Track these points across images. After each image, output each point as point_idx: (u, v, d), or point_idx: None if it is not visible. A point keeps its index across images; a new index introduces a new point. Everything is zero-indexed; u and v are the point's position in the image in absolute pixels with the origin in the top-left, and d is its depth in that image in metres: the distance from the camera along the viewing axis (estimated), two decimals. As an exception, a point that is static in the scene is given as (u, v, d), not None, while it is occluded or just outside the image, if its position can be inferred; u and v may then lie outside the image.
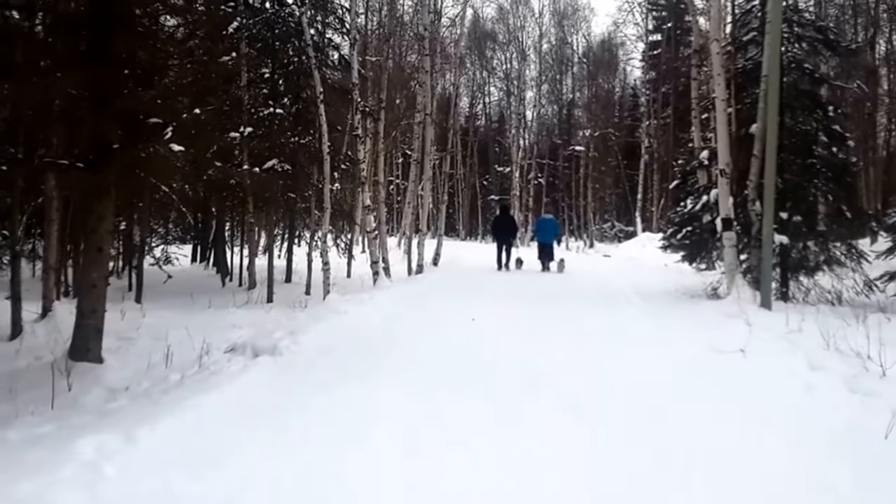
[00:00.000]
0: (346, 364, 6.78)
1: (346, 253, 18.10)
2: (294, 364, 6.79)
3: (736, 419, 5.12)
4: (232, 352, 7.51)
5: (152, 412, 4.98)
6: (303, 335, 7.89)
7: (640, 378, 6.35)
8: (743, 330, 8.56)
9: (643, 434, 4.75)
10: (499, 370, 6.50)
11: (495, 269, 18.58)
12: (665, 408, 5.38)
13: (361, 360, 6.92)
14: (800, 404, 5.47)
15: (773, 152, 10.38)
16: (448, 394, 5.65)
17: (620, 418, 5.11)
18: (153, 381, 6.58)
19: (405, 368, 6.59)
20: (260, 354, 7.15)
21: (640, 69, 43.52)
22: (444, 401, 5.45)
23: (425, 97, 17.38)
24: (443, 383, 6.00)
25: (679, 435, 4.74)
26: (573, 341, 7.93)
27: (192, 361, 7.07)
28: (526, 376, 6.22)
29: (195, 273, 18.64)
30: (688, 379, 6.39)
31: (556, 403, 5.40)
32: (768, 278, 10.50)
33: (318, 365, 6.72)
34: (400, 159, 39.70)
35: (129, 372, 7.06)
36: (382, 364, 6.73)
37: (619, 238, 40.89)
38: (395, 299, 11.41)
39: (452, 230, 45.63)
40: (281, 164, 13.41)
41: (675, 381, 6.28)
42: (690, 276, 15.10)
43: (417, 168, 19.47)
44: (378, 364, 6.73)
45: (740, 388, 6.02)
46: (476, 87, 48.79)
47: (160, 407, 5.17)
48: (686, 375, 6.52)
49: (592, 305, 11.41)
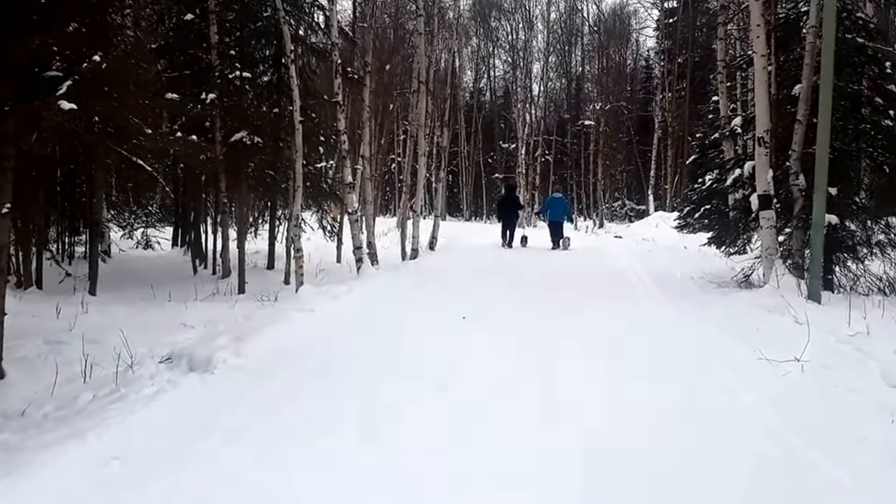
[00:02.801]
0: (288, 392, 5.19)
1: (334, 236, 16.46)
2: (222, 388, 5.28)
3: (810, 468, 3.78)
4: (168, 362, 6.11)
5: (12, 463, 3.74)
6: (250, 343, 6.37)
7: (679, 411, 4.79)
8: (791, 329, 7.08)
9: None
10: (484, 413, 4.83)
11: (498, 249, 18.55)
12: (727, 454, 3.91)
13: (308, 386, 5.29)
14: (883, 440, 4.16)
15: (826, 115, 8.66)
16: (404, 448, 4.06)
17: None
18: (59, 402, 5.31)
19: (364, 404, 4.92)
20: (194, 369, 5.74)
21: (655, 38, 41.37)
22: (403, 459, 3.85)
23: (419, 63, 15.63)
24: (406, 431, 4.39)
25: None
26: (585, 360, 6.19)
27: (115, 375, 5.76)
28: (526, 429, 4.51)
29: (172, 259, 17.05)
30: (740, 409, 4.88)
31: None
32: (818, 265, 8.85)
33: (251, 392, 5.13)
34: (401, 136, 37.85)
35: (38, 388, 5.78)
36: (336, 395, 5.10)
37: (630, 217, 39.18)
38: (375, 292, 9.76)
39: (456, 210, 43.93)
40: (250, 136, 11.75)
41: (728, 409, 4.85)
42: (714, 260, 13.43)
43: (412, 142, 17.75)
44: (328, 395, 5.11)
45: (806, 417, 4.63)
46: (480, 59, 46.60)
47: (23, 455, 3.90)
48: (737, 399, 5.05)
49: (605, 301, 9.68)
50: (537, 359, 6.11)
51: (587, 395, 5.09)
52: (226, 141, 12.06)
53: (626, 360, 6.09)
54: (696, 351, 6.41)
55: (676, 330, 7.41)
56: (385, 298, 9.36)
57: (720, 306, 8.84)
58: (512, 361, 5.93)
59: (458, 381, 5.28)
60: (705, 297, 9.78)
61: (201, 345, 6.31)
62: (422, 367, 5.67)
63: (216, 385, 5.33)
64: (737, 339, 6.79)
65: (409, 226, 16.42)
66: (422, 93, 15.80)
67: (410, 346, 6.42)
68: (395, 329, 7.27)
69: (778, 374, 5.60)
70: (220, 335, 6.61)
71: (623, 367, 5.87)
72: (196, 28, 12.72)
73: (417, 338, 6.78)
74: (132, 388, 5.26)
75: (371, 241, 12.93)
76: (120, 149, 10.64)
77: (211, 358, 5.83)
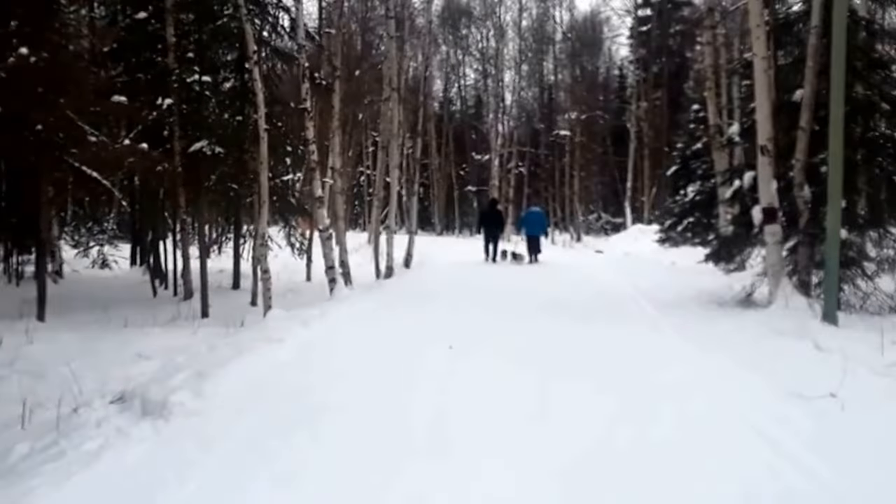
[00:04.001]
0: (252, 452, 4.22)
1: (303, 253, 15.47)
2: (177, 443, 4.39)
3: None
4: (120, 402, 5.28)
5: None
6: (212, 381, 5.45)
7: (715, 466, 3.97)
8: (815, 357, 6.40)
9: None
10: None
11: (479, 266, 18.33)
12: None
13: (272, 448, 4.32)
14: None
15: (838, 122, 7.93)
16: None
17: None
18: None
19: (338, 478, 3.95)
20: (147, 413, 4.91)
21: (628, 46, 40.77)
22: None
23: (391, 68, 14.72)
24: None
25: None
26: (597, 404, 5.22)
27: (57, 420, 4.89)
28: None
29: (130, 279, 15.91)
30: (783, 459, 4.07)
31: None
32: (834, 284, 8.14)
33: (209, 451, 4.22)
34: (370, 148, 36.83)
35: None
36: (305, 465, 4.12)
37: (606, 230, 38.54)
38: (351, 318, 8.77)
39: (428, 224, 43.00)
40: (211, 146, 10.80)
41: (771, 461, 4.04)
42: (710, 276, 12.64)
43: (384, 154, 16.81)
44: (297, 462, 4.14)
45: (860, 470, 3.90)
46: (450, 67, 45.58)
47: None
48: (779, 448, 4.24)
49: (602, 324, 8.80)
50: (544, 401, 5.23)
51: (607, 454, 4.19)
52: (185, 151, 11.13)
53: (644, 402, 5.19)
54: (716, 387, 5.55)
55: (689, 361, 6.53)
56: (361, 325, 8.40)
57: (729, 330, 8.05)
58: (515, 411, 4.99)
59: (456, 447, 4.32)
60: (711, 320, 8.98)
61: (158, 382, 5.45)
62: (409, 424, 4.72)
63: (170, 438, 4.45)
64: (757, 370, 5.98)
65: (383, 242, 15.48)
66: (394, 100, 14.90)
67: (393, 391, 5.47)
68: (374, 365, 6.32)
69: (814, 413, 4.82)
70: (180, 370, 5.79)
71: (641, 410, 4.98)
72: (151, 29, 11.78)
73: (401, 378, 5.84)
74: (74, 440, 4.39)
75: (344, 260, 11.99)
76: (68, 159, 9.78)
77: (167, 401, 4.95)
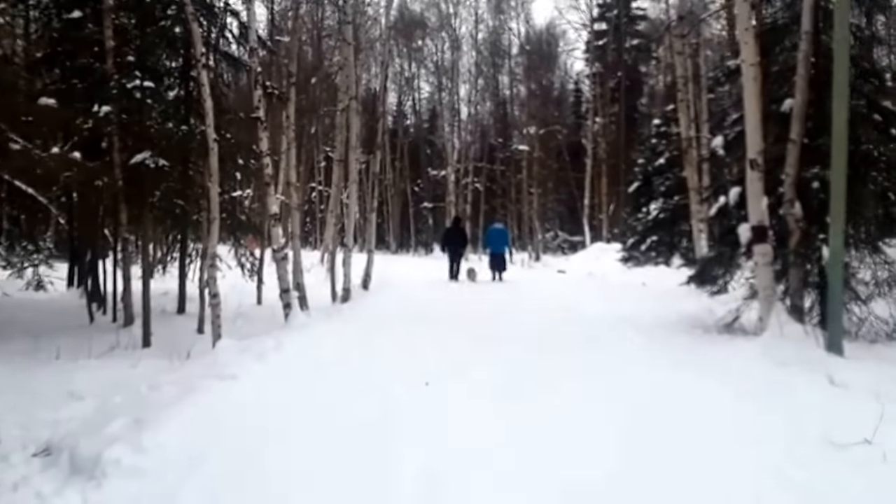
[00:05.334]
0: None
1: (254, 275, 14.46)
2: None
3: None
4: (45, 455, 4.58)
5: None
6: (154, 429, 4.57)
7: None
8: (832, 394, 5.72)
9: None
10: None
11: (442, 286, 17.88)
12: None
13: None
14: None
15: (842, 132, 7.35)
16: None
17: None
18: None
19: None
20: (77, 471, 4.14)
21: (584, 61, 40.51)
22: None
23: (349, 76, 13.87)
24: None
25: None
26: (595, 456, 4.46)
27: None
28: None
29: (66, 302, 14.63)
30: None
31: None
32: (839, 310, 7.51)
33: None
34: (322, 163, 35.82)
35: None
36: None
37: (563, 249, 38.02)
38: (310, 349, 7.82)
39: (381, 242, 42.10)
40: (154, 158, 9.85)
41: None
42: (684, 298, 11.97)
43: (341, 168, 15.90)
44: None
45: None
46: (404, 81, 44.82)
47: None
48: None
49: (585, 355, 7.99)
50: (538, 460, 4.42)
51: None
52: (125, 164, 10.15)
53: (656, 457, 4.42)
54: (736, 432, 4.82)
55: (694, 402, 5.74)
56: (322, 358, 7.45)
57: (725, 361, 7.32)
58: (511, 479, 4.16)
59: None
60: (700, 348, 8.27)
61: (90, 431, 4.61)
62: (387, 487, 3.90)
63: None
64: (773, 410, 5.29)
65: (339, 262, 14.55)
66: (352, 109, 14.02)
67: (366, 446, 4.58)
68: (341, 408, 5.43)
69: (854, 464, 4.15)
70: (117, 415, 4.89)
71: (655, 471, 4.20)
72: (88, 31, 10.83)
73: (375, 426, 4.96)
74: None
75: (300, 282, 11.06)
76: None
77: (101, 456, 4.11)
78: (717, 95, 14.52)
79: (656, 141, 23.16)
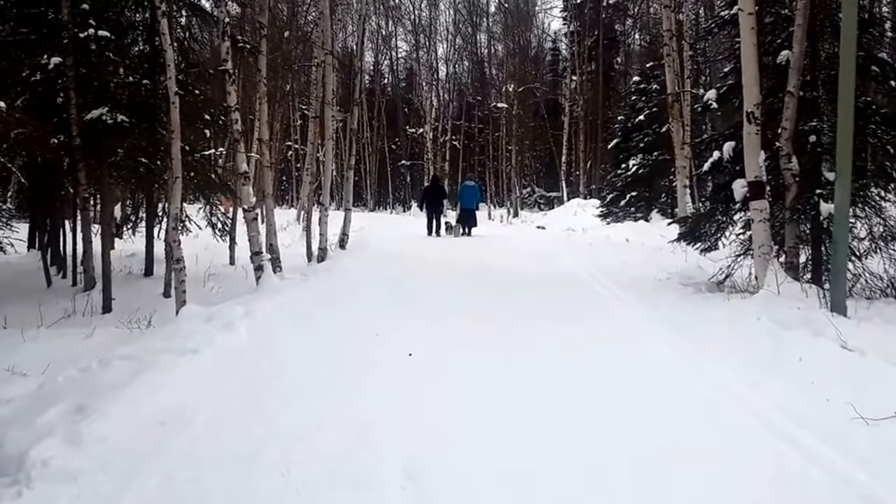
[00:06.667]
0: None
1: (226, 235, 13.90)
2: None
3: None
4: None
5: None
6: (96, 418, 3.94)
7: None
8: (847, 360, 5.34)
9: None
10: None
11: (421, 242, 18.00)
12: None
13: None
14: None
15: (850, 80, 6.91)
16: None
17: None
18: None
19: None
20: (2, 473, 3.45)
21: (562, 20, 39.71)
22: None
23: (325, 31, 13.21)
24: None
25: None
26: (606, 434, 4.11)
27: None
28: None
29: (23, 265, 13.87)
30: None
31: None
32: (843, 268, 7.16)
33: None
34: (299, 121, 34.92)
35: None
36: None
37: (540, 205, 37.71)
38: (282, 316, 7.26)
39: (359, 200, 41.52)
40: (112, 113, 9.24)
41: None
42: (673, 256, 11.70)
43: (316, 125, 15.29)
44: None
45: None
46: (381, 39, 43.80)
47: None
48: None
49: (573, 315, 7.68)
50: (533, 430, 4.04)
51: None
52: (82, 121, 9.52)
53: (668, 436, 4.03)
54: (756, 407, 4.44)
55: (695, 371, 5.34)
56: (295, 325, 6.97)
57: (724, 323, 6.95)
58: (505, 459, 3.74)
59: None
60: (694, 307, 7.95)
61: (21, 422, 3.98)
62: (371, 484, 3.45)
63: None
64: (788, 379, 4.90)
65: (315, 221, 14.03)
66: (329, 64, 13.38)
67: (346, 430, 4.04)
68: (316, 388, 4.91)
69: (891, 444, 3.75)
70: (56, 401, 4.25)
71: (670, 454, 3.78)
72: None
73: (355, 409, 4.43)
74: None
75: (273, 244, 10.54)
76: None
77: (27, 455, 3.47)
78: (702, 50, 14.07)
79: (636, 98, 22.86)
